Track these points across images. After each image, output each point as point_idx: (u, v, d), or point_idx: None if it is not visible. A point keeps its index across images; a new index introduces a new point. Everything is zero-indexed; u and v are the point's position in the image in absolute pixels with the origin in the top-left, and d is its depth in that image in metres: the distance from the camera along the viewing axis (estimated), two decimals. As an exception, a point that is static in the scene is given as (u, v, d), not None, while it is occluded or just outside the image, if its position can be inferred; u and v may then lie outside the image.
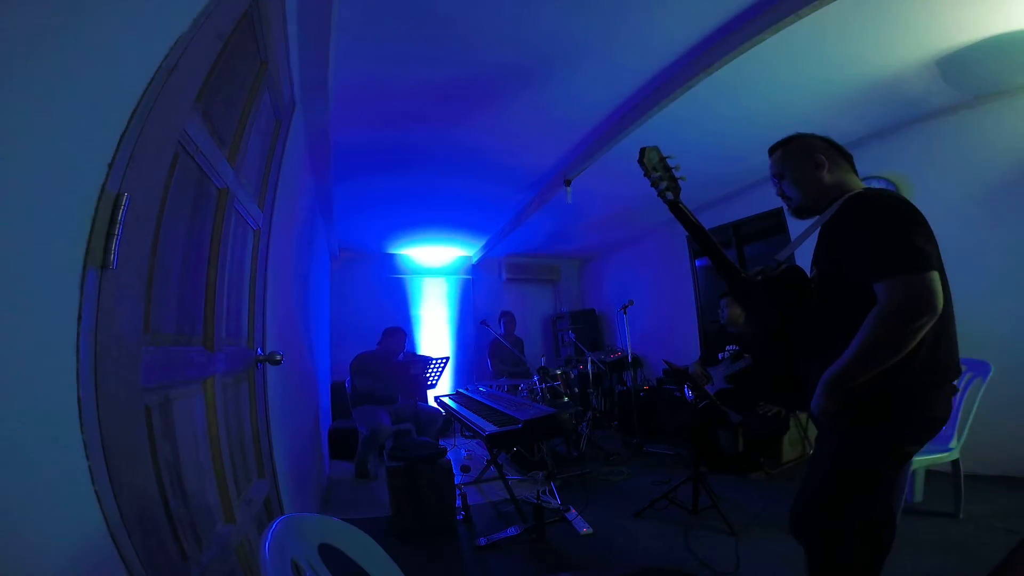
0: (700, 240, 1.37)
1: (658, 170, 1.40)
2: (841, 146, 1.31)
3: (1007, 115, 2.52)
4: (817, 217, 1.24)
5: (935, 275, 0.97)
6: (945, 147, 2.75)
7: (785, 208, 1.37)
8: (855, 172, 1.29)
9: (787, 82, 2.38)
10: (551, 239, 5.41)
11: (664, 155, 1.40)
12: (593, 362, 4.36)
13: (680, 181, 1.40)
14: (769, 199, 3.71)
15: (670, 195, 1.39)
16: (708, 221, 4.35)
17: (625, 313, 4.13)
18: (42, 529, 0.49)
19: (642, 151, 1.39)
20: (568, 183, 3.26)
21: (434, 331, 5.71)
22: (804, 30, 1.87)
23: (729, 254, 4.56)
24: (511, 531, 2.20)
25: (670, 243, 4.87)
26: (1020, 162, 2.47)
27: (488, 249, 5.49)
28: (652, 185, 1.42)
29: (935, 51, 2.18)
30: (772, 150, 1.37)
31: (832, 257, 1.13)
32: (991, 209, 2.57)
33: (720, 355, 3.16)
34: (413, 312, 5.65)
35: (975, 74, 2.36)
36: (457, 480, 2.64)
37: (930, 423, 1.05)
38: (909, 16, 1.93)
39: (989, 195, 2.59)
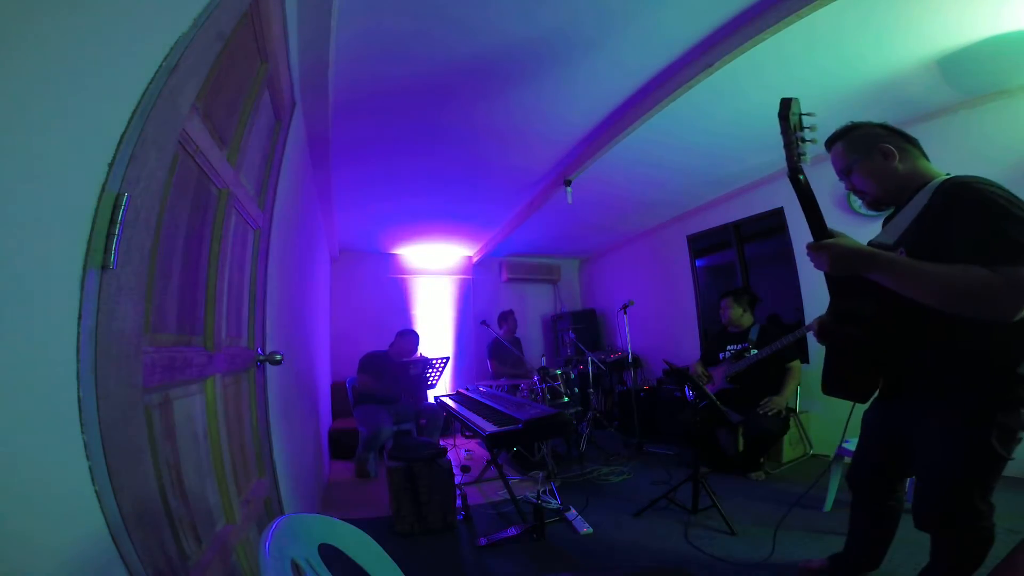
0: (815, 223, 1.19)
1: (799, 130, 1.16)
2: (902, 131, 1.28)
3: (1007, 115, 2.52)
4: (910, 203, 1.20)
5: None
6: (945, 147, 2.74)
7: (860, 202, 1.33)
8: (926, 156, 1.26)
9: (787, 82, 2.38)
10: (551, 239, 5.41)
11: (803, 111, 1.17)
12: (593, 362, 4.36)
13: (810, 144, 1.17)
14: (769, 199, 3.71)
15: (802, 173, 1.16)
16: (708, 221, 4.36)
17: (625, 313, 4.13)
18: (42, 529, 0.49)
19: (787, 103, 1.15)
20: (568, 183, 3.26)
21: (434, 331, 5.70)
22: (805, 30, 1.87)
23: (729, 254, 4.54)
24: (511, 531, 2.20)
25: (670, 243, 4.87)
26: (1020, 162, 2.47)
27: (488, 249, 5.49)
28: (787, 147, 1.16)
29: (935, 51, 2.18)
30: (830, 143, 1.33)
31: (934, 244, 1.08)
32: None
33: (721, 355, 3.16)
34: (413, 312, 5.65)
35: (975, 74, 2.36)
36: (457, 480, 2.64)
37: None
38: (909, 16, 1.93)
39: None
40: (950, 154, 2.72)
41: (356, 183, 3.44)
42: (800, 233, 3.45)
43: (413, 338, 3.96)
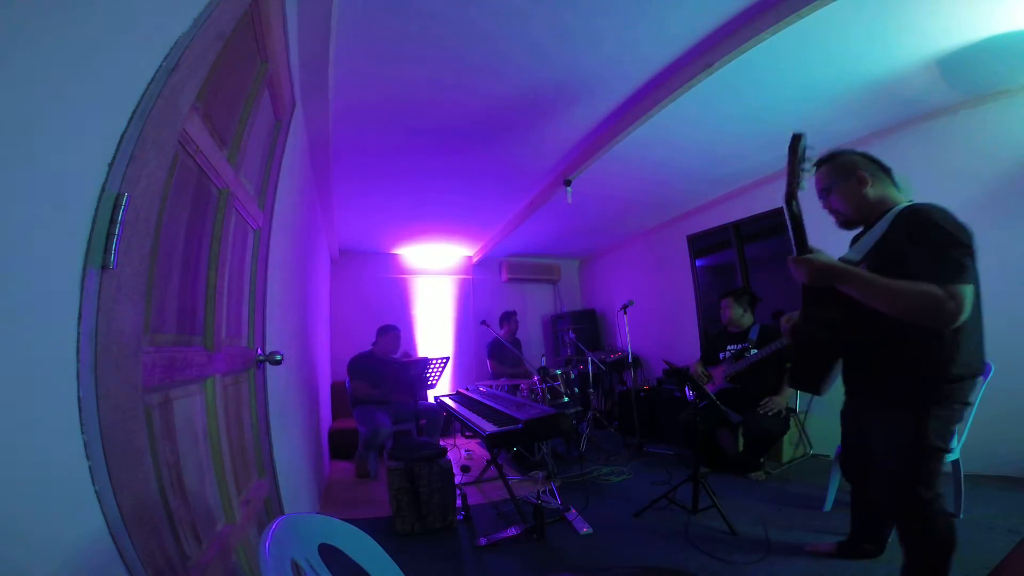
0: (799, 240, 1.38)
1: (803, 162, 1.32)
2: (880, 160, 1.46)
3: (1007, 115, 2.51)
4: (876, 226, 1.39)
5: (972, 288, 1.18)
6: (945, 147, 2.75)
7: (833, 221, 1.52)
8: (895, 185, 1.45)
9: (787, 81, 2.38)
10: (551, 239, 5.41)
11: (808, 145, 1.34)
12: (593, 362, 4.36)
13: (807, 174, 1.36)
14: (769, 199, 3.71)
15: (796, 200, 1.36)
16: (708, 221, 4.36)
17: (625, 313, 4.13)
18: (42, 529, 0.49)
19: (798, 137, 1.32)
20: (568, 183, 3.26)
21: (434, 331, 5.70)
22: (805, 29, 1.87)
23: (729, 254, 4.54)
24: (511, 531, 2.20)
25: (670, 243, 4.86)
26: (1020, 162, 2.47)
27: (488, 249, 5.49)
28: (790, 175, 1.32)
29: (935, 51, 2.18)
30: (817, 165, 1.49)
31: (892, 263, 1.27)
32: (991, 209, 2.56)
33: (721, 355, 3.16)
34: (413, 312, 5.66)
35: (975, 74, 2.36)
36: (457, 480, 2.64)
37: (966, 407, 1.31)
38: (909, 16, 1.93)
39: (989, 195, 2.59)
40: (950, 154, 2.73)
41: (356, 183, 3.44)
42: (822, 224, 3.44)
43: (395, 333, 3.89)
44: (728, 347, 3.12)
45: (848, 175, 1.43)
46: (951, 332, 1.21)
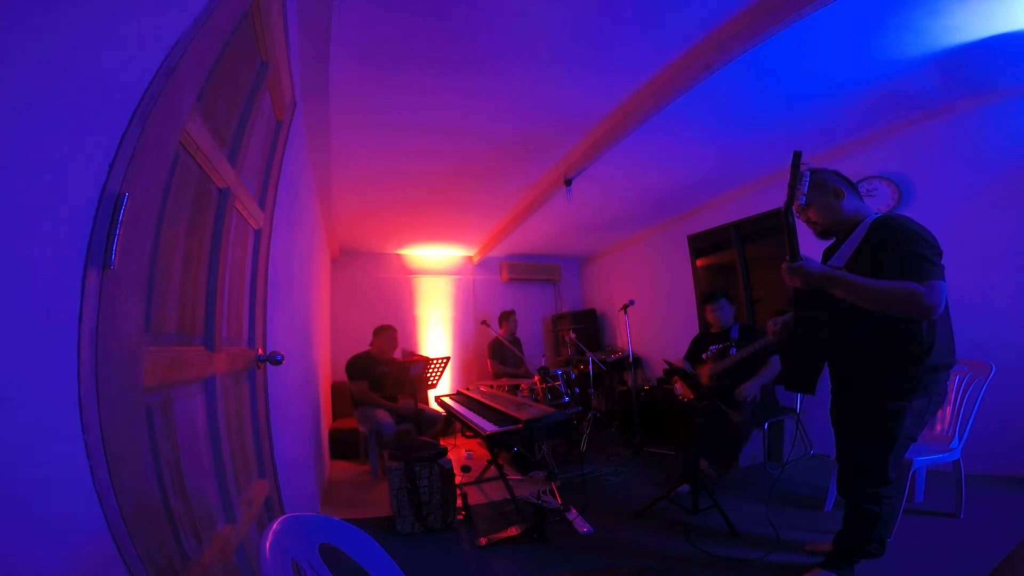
0: (792, 248, 1.49)
1: (802, 176, 1.45)
2: (847, 177, 1.62)
3: (1007, 115, 2.52)
4: (852, 235, 1.53)
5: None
6: (945, 147, 2.75)
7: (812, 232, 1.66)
8: (861, 198, 1.62)
9: (787, 82, 2.38)
10: (551, 239, 5.40)
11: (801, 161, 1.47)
12: (593, 362, 4.36)
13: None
14: (769, 199, 3.71)
15: (791, 213, 1.49)
16: (708, 221, 4.36)
17: (625, 313, 4.13)
18: (42, 529, 0.49)
19: (799, 154, 1.44)
20: (568, 183, 3.26)
21: (434, 331, 5.70)
22: (805, 30, 1.87)
23: (729, 254, 4.52)
24: (511, 531, 2.20)
25: (670, 243, 4.86)
26: (1020, 162, 2.47)
27: (488, 250, 5.49)
28: (791, 189, 1.45)
29: (935, 51, 2.18)
30: None
31: (871, 267, 1.40)
32: (991, 208, 2.57)
33: (704, 355, 3.15)
34: (413, 312, 5.65)
35: (975, 74, 2.36)
36: (457, 480, 2.64)
37: (942, 398, 1.46)
38: (909, 16, 1.93)
39: (989, 195, 2.59)
40: (950, 154, 2.73)
41: (357, 184, 3.43)
42: (802, 233, 3.45)
43: (392, 332, 3.88)
44: (710, 347, 3.12)
45: (825, 190, 1.57)
46: (927, 326, 1.37)
